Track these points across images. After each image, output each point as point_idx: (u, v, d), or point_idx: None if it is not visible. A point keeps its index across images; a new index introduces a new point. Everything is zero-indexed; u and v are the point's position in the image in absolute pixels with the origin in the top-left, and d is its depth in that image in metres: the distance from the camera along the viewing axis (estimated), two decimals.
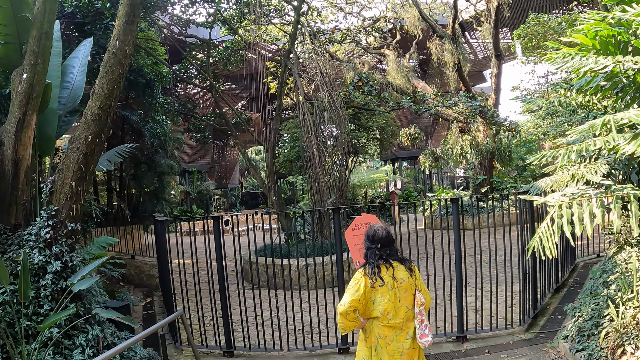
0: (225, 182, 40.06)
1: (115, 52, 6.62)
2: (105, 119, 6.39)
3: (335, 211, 7.71)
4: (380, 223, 4.97)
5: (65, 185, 6.17)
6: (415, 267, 4.38)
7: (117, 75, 6.58)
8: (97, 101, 6.42)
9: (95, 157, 6.35)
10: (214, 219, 7.41)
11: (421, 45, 26.44)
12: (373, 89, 15.61)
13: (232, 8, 18.24)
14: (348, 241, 6.89)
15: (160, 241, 8.02)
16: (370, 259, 4.26)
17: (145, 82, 17.67)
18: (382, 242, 4.30)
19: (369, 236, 4.39)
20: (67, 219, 6.15)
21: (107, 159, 10.50)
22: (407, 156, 35.46)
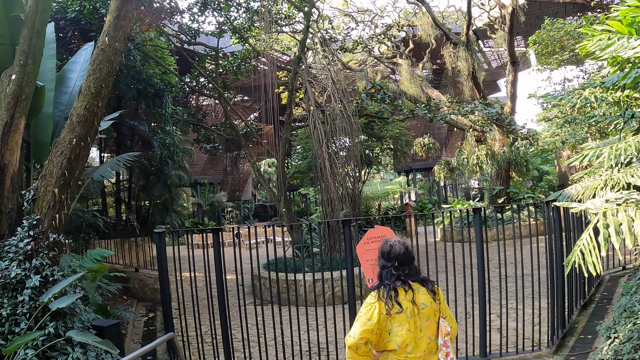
0: (238, 195, 39.53)
1: (104, 49, 6.04)
2: (91, 121, 5.79)
3: (345, 223, 7.04)
4: (396, 237, 4.16)
5: (48, 192, 5.57)
6: (439, 289, 3.62)
7: (106, 73, 5.99)
8: (83, 101, 5.84)
9: (80, 163, 5.75)
10: (213, 232, 6.76)
11: (434, 54, 25.81)
12: (386, 96, 14.95)
13: (242, 17, 17.78)
14: (360, 256, 6.16)
15: (160, 254, 7.39)
16: (386, 280, 3.50)
17: (155, 92, 17.20)
18: (400, 260, 3.55)
19: (383, 253, 3.63)
20: (49, 229, 5.54)
21: (110, 167, 9.93)
22: (421, 167, 34.66)
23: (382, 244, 3.74)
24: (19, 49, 6.80)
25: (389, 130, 18.78)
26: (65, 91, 9.21)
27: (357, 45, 20.41)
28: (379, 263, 3.66)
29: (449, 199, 37.90)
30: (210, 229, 6.88)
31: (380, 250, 3.68)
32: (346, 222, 7.04)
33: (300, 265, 11.83)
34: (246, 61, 18.07)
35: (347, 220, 7.06)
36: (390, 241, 3.69)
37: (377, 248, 6.26)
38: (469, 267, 7.14)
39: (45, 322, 5.28)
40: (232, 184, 39.25)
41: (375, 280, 3.96)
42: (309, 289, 10.54)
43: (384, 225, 7.04)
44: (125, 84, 16.08)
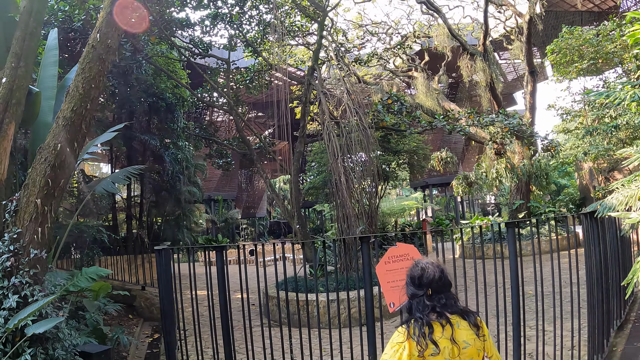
0: (252, 212, 38.91)
1: (95, 46, 5.45)
2: (78, 124, 5.18)
3: (363, 240, 6.32)
4: (424, 257, 3.28)
5: (30, 203, 4.93)
6: (482, 322, 2.82)
7: (96, 72, 5.38)
8: (70, 103, 5.23)
9: (66, 170, 5.11)
10: (216, 250, 6.09)
11: (450, 67, 25.13)
12: (404, 107, 14.22)
13: (254, 29, 17.29)
14: (380, 277, 5.48)
15: (160, 272, 6.73)
16: (417, 312, 2.73)
17: (166, 106, 16.72)
18: (435, 287, 2.77)
19: (413, 278, 2.84)
20: (30, 244, 4.90)
21: (114, 180, 9.33)
22: (437, 183, 33.75)
23: (411, 267, 2.91)
24: (11, 50, 6.25)
25: (405, 143, 18.01)
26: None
27: (372, 58, 19.79)
28: (408, 291, 2.86)
29: (465, 214, 36.89)
30: (214, 247, 6.21)
31: (410, 274, 2.88)
32: (364, 239, 6.33)
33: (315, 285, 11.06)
34: (259, 74, 17.52)
35: (365, 237, 6.34)
36: (422, 263, 2.88)
37: (399, 269, 5.47)
38: (493, 285, 6.34)
39: (22, 347, 4.62)
40: (246, 200, 38.66)
41: (397, 304, 3.25)
42: (323, 310, 9.78)
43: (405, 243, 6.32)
44: (136, 98, 15.62)
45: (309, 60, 20.67)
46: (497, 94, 20.33)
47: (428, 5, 19.12)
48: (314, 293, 10.33)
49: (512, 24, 22.90)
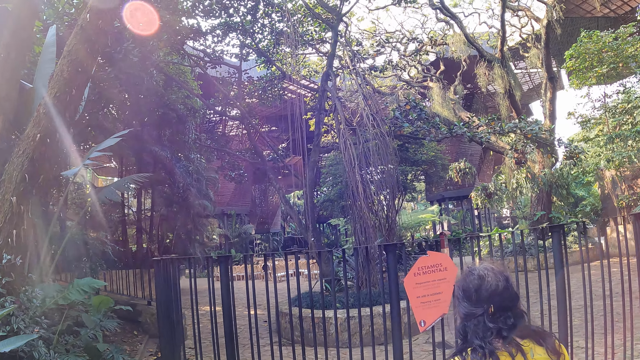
0: (266, 227, 38.11)
1: (85, 27, 4.75)
2: (62, 113, 4.47)
3: (389, 250, 5.53)
4: (477, 262, 2.38)
5: (5, 201, 4.20)
6: (562, 347, 1.97)
7: (84, 55, 4.68)
8: (52, 88, 4.54)
9: (46, 165, 4.40)
10: (220, 261, 5.33)
11: (465, 77, 24.36)
12: (423, 114, 13.43)
13: (267, 38, 16.69)
14: (408, 292, 4.75)
15: (159, 286, 5.95)
16: (476, 338, 1.91)
17: (177, 118, 16.11)
18: (499, 302, 1.95)
19: (468, 290, 2.02)
20: (4, 248, 4.14)
21: (116, 188, 8.62)
22: (453, 196, 32.70)
23: (464, 276, 2.05)
24: (1, 41, 5.60)
25: (423, 153, 17.15)
26: None
27: (386, 67, 19.09)
28: (460, 309, 2.02)
29: (482, 228, 35.73)
30: (217, 257, 5.44)
31: (462, 286, 2.04)
32: (390, 248, 5.53)
33: (331, 300, 10.22)
34: (272, 84, 16.88)
35: (390, 246, 5.54)
36: (479, 270, 2.04)
37: (430, 281, 4.78)
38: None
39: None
40: (260, 215, 37.90)
41: (428, 323, 2.55)
42: (341, 328, 8.93)
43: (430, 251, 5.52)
44: (146, 108, 15.02)
45: (322, 71, 20.07)
46: (516, 102, 19.50)
47: (443, 11, 18.43)
48: (331, 310, 9.52)
49: (528, 31, 22.13)
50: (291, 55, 17.33)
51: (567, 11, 21.68)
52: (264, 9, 15.51)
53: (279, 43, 16.18)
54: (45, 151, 4.36)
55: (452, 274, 5.43)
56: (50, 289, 6.12)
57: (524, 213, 36.12)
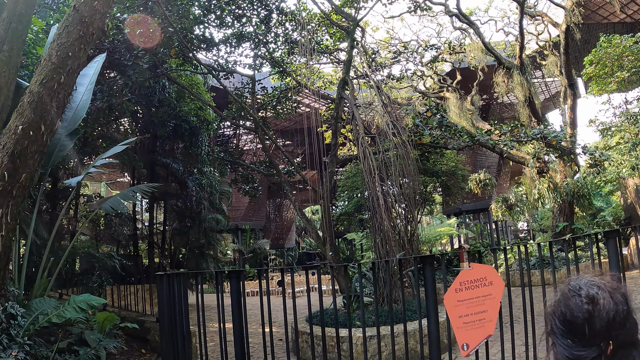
0: (281, 242, 37.31)
1: (78, 8, 4.11)
2: (48, 102, 3.81)
3: (426, 262, 4.79)
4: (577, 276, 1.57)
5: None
6: None
7: (76, 38, 4.03)
8: (39, 75, 3.89)
9: (29, 161, 3.72)
10: (230, 276, 4.61)
11: (481, 88, 23.62)
12: (444, 120, 12.68)
13: (281, 48, 16.09)
14: (449, 311, 4.20)
15: (163, 303, 5.22)
16: None
17: (190, 130, 15.52)
18: (621, 337, 1.21)
19: (570, 321, 1.27)
20: None
21: (122, 198, 7.95)
22: (471, 209, 31.70)
23: (563, 297, 1.28)
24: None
25: (443, 164, 16.33)
26: (69, 106, 7.40)
27: (402, 78, 18.40)
28: (561, 350, 1.27)
29: (500, 242, 34.62)
30: (228, 272, 4.72)
31: (561, 314, 1.30)
32: (427, 260, 4.79)
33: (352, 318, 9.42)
34: (286, 94, 16.24)
35: (428, 257, 4.80)
36: (586, 288, 1.31)
37: (474, 298, 4.27)
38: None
39: None
40: (275, 231, 37.13)
41: (472, 346, 2.23)
42: (360, 348, 8.13)
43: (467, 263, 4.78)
44: (158, 120, 14.47)
45: (337, 81, 19.44)
46: (536, 110, 18.68)
47: (460, 17, 17.75)
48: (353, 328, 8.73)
49: (545, 38, 21.37)
50: (306, 65, 16.74)
51: (584, 17, 20.91)
52: (277, 18, 14.94)
53: (293, 53, 15.57)
54: (29, 146, 3.71)
55: (498, 289, 4.66)
56: (46, 305, 5.44)
57: (541, 226, 35.02)
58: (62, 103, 4.06)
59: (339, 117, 13.14)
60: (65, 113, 7.27)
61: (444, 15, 19.97)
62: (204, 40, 13.89)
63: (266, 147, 14.85)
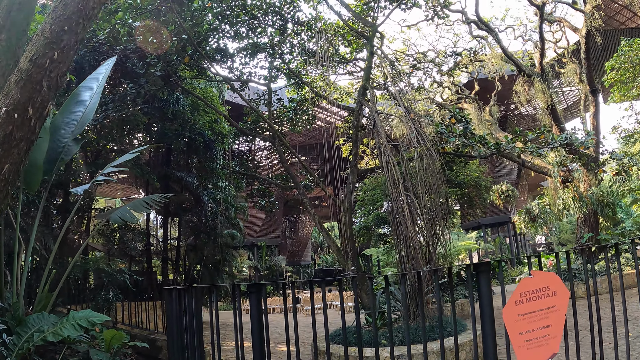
0: (297, 260, 36.51)
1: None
2: (38, 81, 3.21)
3: (480, 269, 4.07)
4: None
5: None
6: None
7: (72, 12, 3.44)
8: (30, 52, 3.30)
9: (13, 150, 3.09)
10: (249, 290, 3.94)
11: (498, 98, 22.90)
12: (469, 127, 11.97)
13: (297, 59, 15.55)
14: (509, 327, 3.53)
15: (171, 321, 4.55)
16: None
17: (205, 143, 14.95)
18: None
19: None
20: None
21: (132, 208, 7.32)
22: (490, 223, 30.75)
23: None
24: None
25: (465, 174, 15.56)
26: (77, 110, 6.82)
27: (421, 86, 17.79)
28: None
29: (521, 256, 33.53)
30: (248, 285, 4.03)
31: None
32: (481, 267, 4.07)
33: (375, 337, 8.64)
34: (303, 105, 15.66)
35: (483, 264, 4.07)
36: None
37: (537, 311, 3.76)
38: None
39: None
40: (291, 248, 36.37)
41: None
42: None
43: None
44: (172, 132, 13.92)
45: (355, 92, 18.86)
46: (558, 117, 17.87)
47: (479, 24, 17.11)
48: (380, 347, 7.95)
49: (563, 45, 20.62)
50: (322, 76, 16.18)
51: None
52: (293, 28, 14.42)
53: (309, 63, 15.02)
54: (13, 132, 3.09)
55: (563, 299, 3.92)
56: (44, 321, 4.78)
57: (559, 239, 33.86)
58: (54, 83, 3.46)
59: (359, 126, 12.49)
60: (72, 117, 6.70)
61: (460, 24, 19.40)
62: (218, 50, 13.39)
63: (284, 158, 14.22)
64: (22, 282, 5.59)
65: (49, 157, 5.91)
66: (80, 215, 12.00)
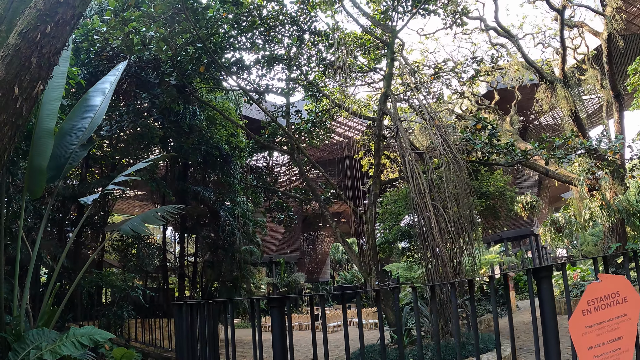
0: (315, 277, 35.81)
1: None
2: (26, 57, 2.74)
3: (541, 275, 3.54)
4: None
5: None
6: None
7: None
8: (20, 25, 2.86)
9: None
10: (271, 304, 3.41)
11: (519, 109, 22.29)
12: (496, 134, 11.37)
13: (315, 71, 15.12)
14: (575, 340, 3.05)
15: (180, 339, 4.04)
16: None
17: (222, 157, 14.54)
18: None
19: None
20: None
21: (144, 220, 6.82)
22: (512, 236, 29.84)
23: None
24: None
25: (490, 184, 14.84)
26: (85, 116, 6.38)
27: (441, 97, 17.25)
28: None
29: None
30: (270, 299, 3.49)
31: None
32: (542, 272, 3.50)
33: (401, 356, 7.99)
34: (321, 117, 15.18)
35: (543, 269, 3.50)
36: None
37: (605, 321, 3.26)
38: None
39: None
40: (309, 265, 35.69)
41: None
42: None
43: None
44: (188, 146, 13.53)
45: (374, 104, 18.37)
46: (582, 124, 17.14)
47: (498, 30, 16.57)
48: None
49: (583, 51, 19.96)
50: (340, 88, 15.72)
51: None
52: (310, 38, 14.01)
53: (327, 73, 14.59)
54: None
55: (634, 307, 3.38)
56: (43, 338, 4.27)
57: (581, 251, 32.64)
58: (46, 61, 2.98)
59: (380, 135, 11.94)
60: (80, 122, 6.27)
61: (478, 33, 18.88)
62: (234, 62, 13.02)
63: (303, 170, 13.69)
64: (24, 295, 5.13)
65: (55, 164, 5.47)
66: (95, 230, 11.62)
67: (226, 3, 10.24)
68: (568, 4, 16.88)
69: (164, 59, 9.99)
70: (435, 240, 9.79)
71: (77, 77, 7.15)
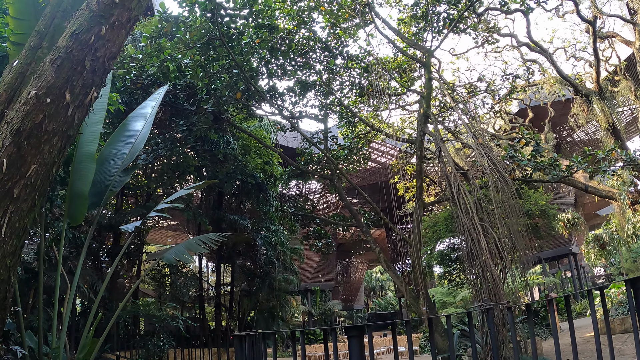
0: (349, 304, 34.89)
1: None
2: (79, 61, 2.46)
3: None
4: None
5: None
6: None
7: None
8: (71, 27, 2.82)
9: (44, 147, 2.33)
10: (350, 333, 2.98)
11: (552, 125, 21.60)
12: (540, 149, 10.81)
13: (348, 96, 14.84)
14: None
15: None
16: None
17: (257, 186, 14.23)
18: None
19: None
20: None
21: (186, 248, 6.49)
22: (550, 256, 28.57)
23: None
24: (35, 29, 3.77)
25: (531, 203, 14.13)
26: (126, 141, 6.12)
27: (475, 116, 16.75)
28: None
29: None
30: (347, 328, 3.05)
31: None
32: None
33: None
34: (357, 143, 14.82)
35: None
36: None
37: None
38: None
39: None
40: (343, 292, 34.84)
41: None
42: None
43: None
44: (223, 175, 13.28)
45: (407, 126, 17.99)
46: (620, 136, 16.39)
47: (531, 45, 16.08)
48: None
49: (615, 62, 19.26)
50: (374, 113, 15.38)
51: None
52: (342, 63, 13.77)
53: (361, 97, 14.30)
54: (44, 122, 2.28)
55: None
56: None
57: (620, 269, 31.07)
58: (100, 66, 2.67)
59: (422, 156, 11.48)
60: (121, 148, 6.01)
61: (509, 51, 18.41)
62: (268, 89, 12.83)
63: (344, 196, 13.26)
64: (64, 326, 4.80)
65: (96, 190, 5.19)
66: (130, 260, 11.38)
67: (261, 29, 10.08)
68: (599, 15, 16.37)
69: (200, 85, 9.81)
70: (486, 261, 9.22)
71: (116, 103, 6.94)
